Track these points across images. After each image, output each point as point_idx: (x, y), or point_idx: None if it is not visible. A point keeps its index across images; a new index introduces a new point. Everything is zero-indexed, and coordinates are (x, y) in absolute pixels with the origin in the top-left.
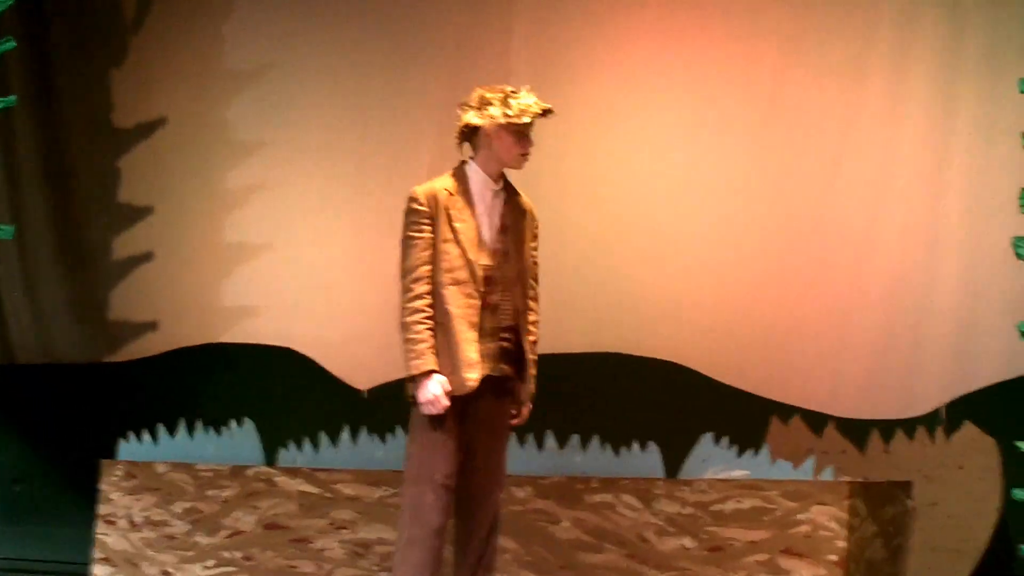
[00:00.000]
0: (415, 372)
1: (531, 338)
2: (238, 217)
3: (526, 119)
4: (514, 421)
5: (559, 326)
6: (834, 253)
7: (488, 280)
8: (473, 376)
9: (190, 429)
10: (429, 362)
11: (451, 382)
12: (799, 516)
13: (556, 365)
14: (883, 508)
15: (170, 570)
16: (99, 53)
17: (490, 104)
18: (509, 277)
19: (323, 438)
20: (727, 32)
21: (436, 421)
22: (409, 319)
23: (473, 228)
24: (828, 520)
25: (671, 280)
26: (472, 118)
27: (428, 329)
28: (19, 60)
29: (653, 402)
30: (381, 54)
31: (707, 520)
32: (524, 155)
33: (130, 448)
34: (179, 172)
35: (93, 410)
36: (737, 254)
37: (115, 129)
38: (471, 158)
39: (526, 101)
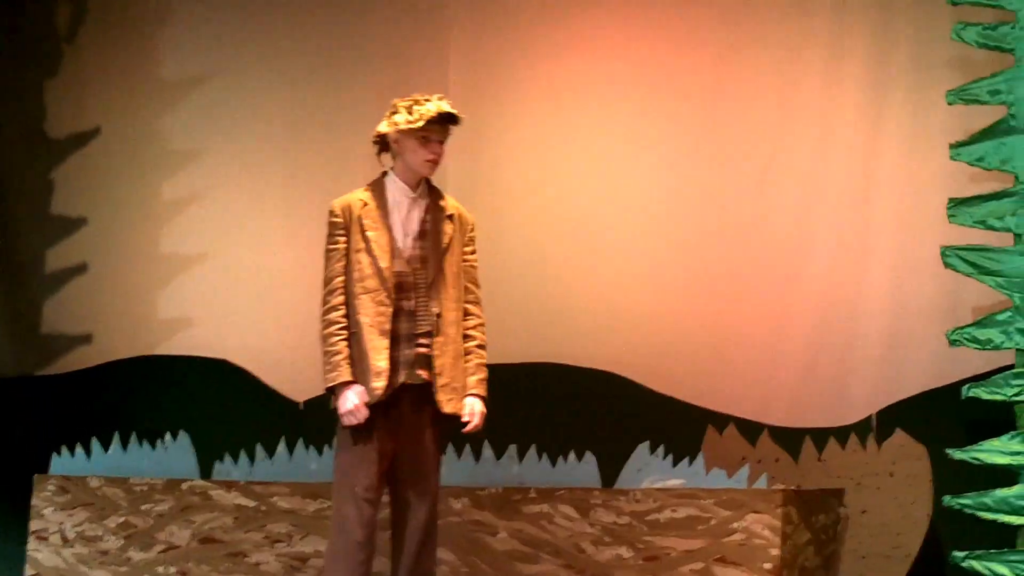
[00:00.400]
0: (331, 384)
1: (474, 342)
2: (173, 228)
3: (420, 123)
4: (467, 428)
5: (495, 337)
6: (766, 264)
7: (401, 287)
8: (379, 384)
9: (124, 443)
10: (344, 373)
11: (368, 392)
12: (734, 524)
13: (493, 375)
14: (816, 515)
15: None
16: (32, 63)
17: (396, 112)
18: (428, 283)
19: (259, 451)
20: (661, 44)
21: (356, 433)
22: (325, 332)
23: (385, 236)
24: (762, 528)
25: (607, 291)
26: (381, 126)
27: (342, 340)
28: None
29: (589, 412)
30: (316, 64)
31: (643, 529)
32: (430, 161)
33: (63, 462)
34: (114, 183)
35: (26, 424)
36: (671, 265)
37: (49, 140)
38: (391, 168)
39: (428, 107)
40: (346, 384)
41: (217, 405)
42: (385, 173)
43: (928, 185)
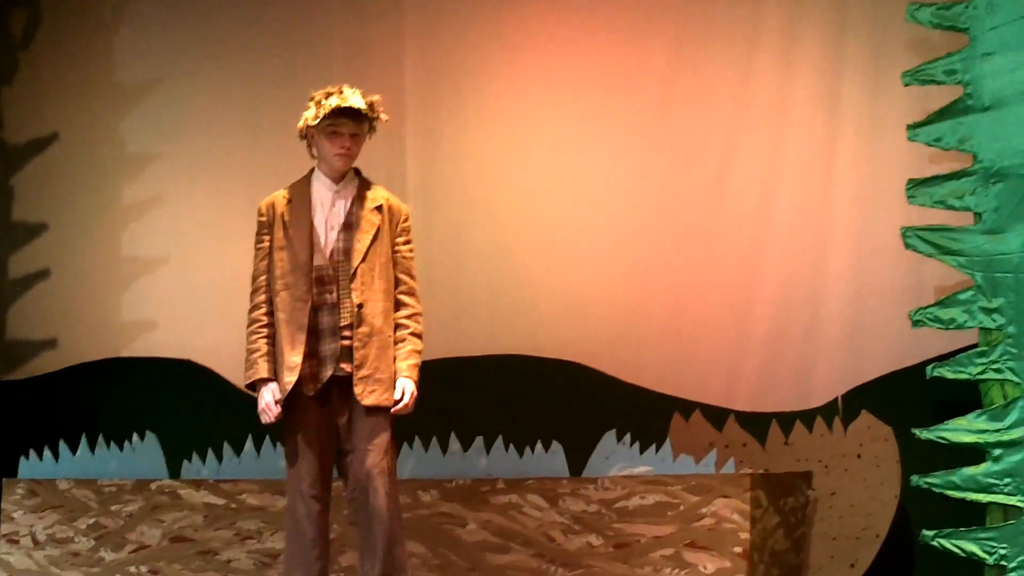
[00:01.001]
0: (248, 382)
1: (406, 331)
2: (134, 231)
3: (318, 120)
4: (395, 409)
5: (459, 330)
6: (726, 249)
7: (321, 280)
8: (290, 380)
9: (92, 445)
10: (260, 370)
11: (280, 388)
12: (702, 510)
13: (457, 368)
14: (785, 499)
15: None
16: None
17: (309, 106)
18: (350, 275)
19: (227, 449)
20: (615, 36)
21: (291, 431)
22: (247, 330)
23: (306, 231)
24: (731, 512)
25: (569, 282)
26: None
27: (262, 338)
28: None
29: (555, 402)
30: (272, 65)
31: (612, 517)
32: (338, 155)
33: (31, 466)
34: (73, 188)
35: None
36: (631, 253)
37: (7, 146)
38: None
39: (331, 100)
40: (262, 381)
41: (183, 405)
42: (313, 168)
43: (887, 167)
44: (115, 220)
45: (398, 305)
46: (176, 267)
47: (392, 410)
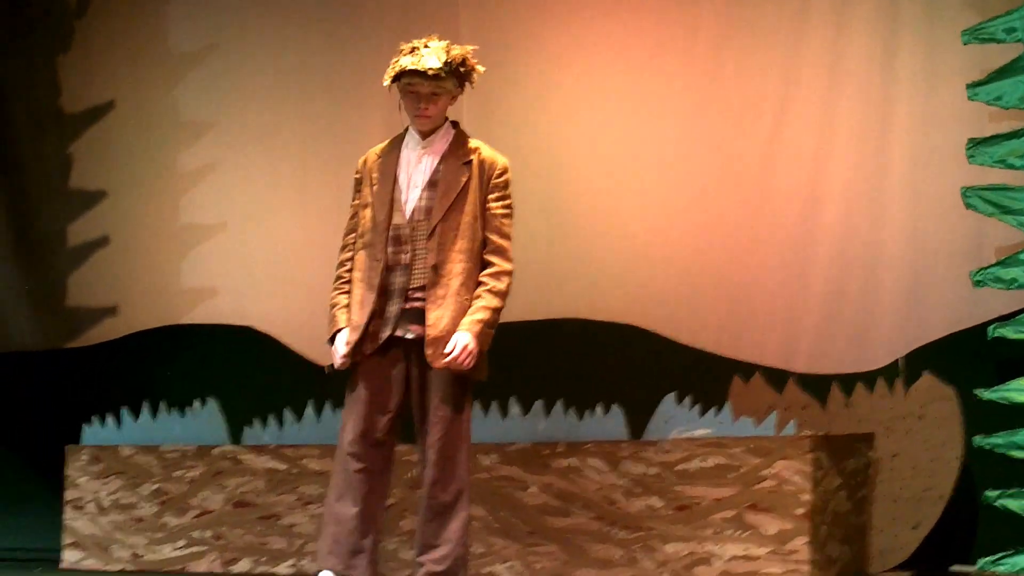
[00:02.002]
0: (330, 336)
1: (483, 287)
2: (191, 198)
3: (387, 80)
4: (445, 361)
5: (516, 294)
6: (782, 209)
7: (398, 240)
8: (353, 338)
9: (154, 411)
10: (338, 322)
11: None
12: (764, 472)
13: (516, 332)
14: (846, 461)
15: (140, 552)
16: (44, 39)
17: (392, 61)
18: (429, 234)
19: (288, 415)
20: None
21: (348, 388)
22: (331, 291)
23: (388, 189)
24: (792, 475)
25: (624, 243)
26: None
27: (342, 293)
28: None
29: (614, 365)
30: (325, 31)
31: (673, 479)
32: (418, 116)
33: (95, 433)
34: (130, 155)
35: (56, 397)
36: (687, 215)
37: (64, 115)
38: None
39: (402, 61)
40: (340, 332)
41: (244, 371)
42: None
43: (944, 125)
44: (172, 187)
45: (484, 265)
46: (233, 234)
47: (444, 362)
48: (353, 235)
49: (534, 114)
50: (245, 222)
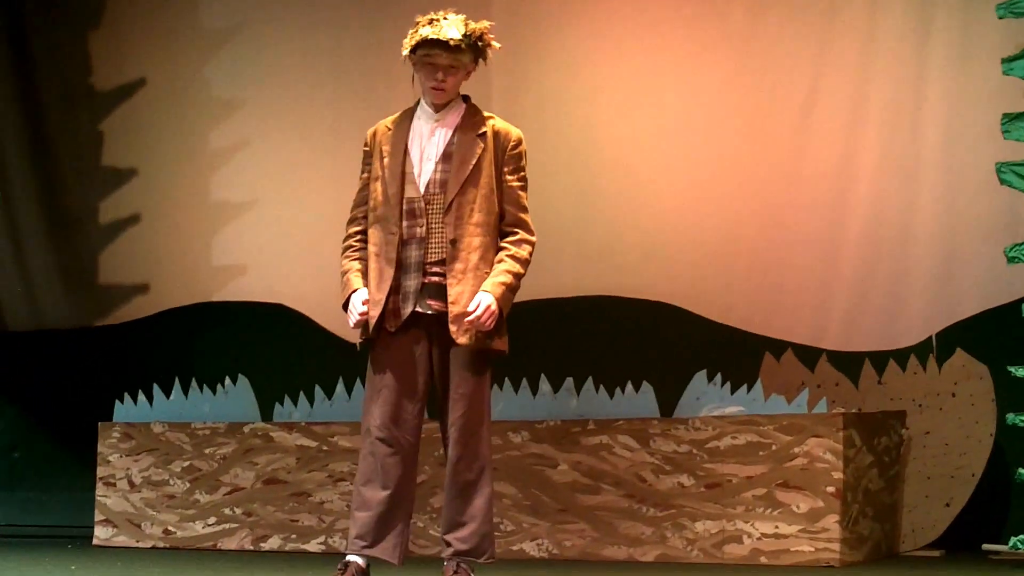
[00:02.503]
0: (343, 302)
1: (505, 252)
2: (222, 175)
3: (406, 50)
4: (467, 319)
5: (546, 272)
6: (814, 186)
7: (412, 213)
8: (374, 314)
9: (185, 389)
10: (352, 283)
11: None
12: (795, 449)
13: (546, 310)
14: (878, 438)
15: (171, 529)
16: (74, 16)
17: (409, 32)
18: (446, 208)
19: (318, 392)
20: None
21: (371, 368)
22: (341, 257)
23: (399, 161)
24: (824, 452)
25: (655, 221)
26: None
27: (354, 260)
28: None
29: (645, 343)
30: (355, 8)
31: (703, 457)
32: (433, 88)
33: (126, 410)
34: (161, 133)
35: (87, 374)
36: (718, 193)
37: (94, 92)
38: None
39: (422, 31)
40: (355, 292)
41: (275, 349)
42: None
43: (978, 101)
44: (203, 165)
45: (504, 236)
46: (264, 211)
47: (465, 320)
48: (363, 208)
49: (564, 90)
50: (276, 199)
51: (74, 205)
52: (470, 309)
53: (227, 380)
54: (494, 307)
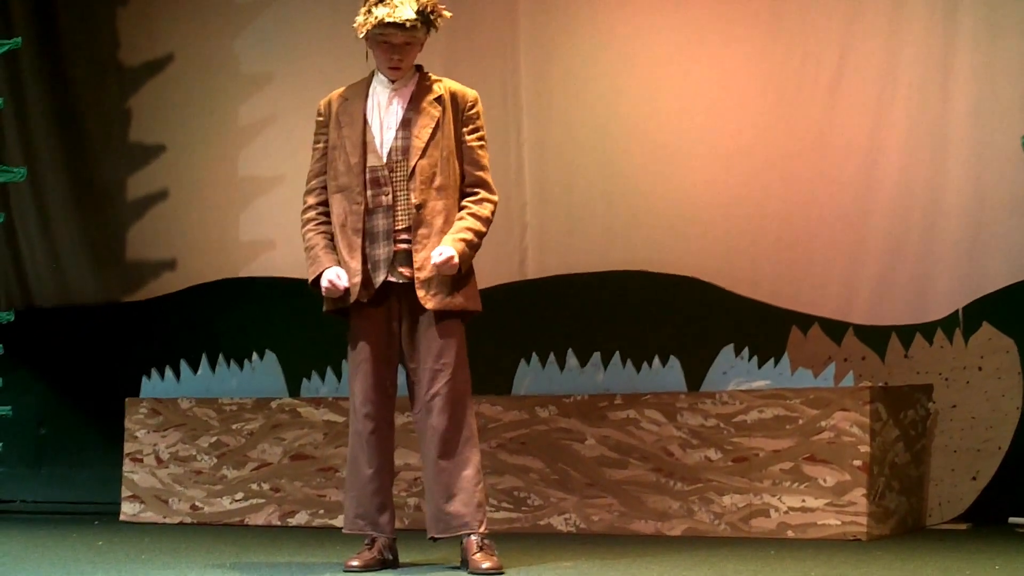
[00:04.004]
0: (313, 277)
1: (465, 211)
2: (250, 151)
3: (362, 33)
4: (436, 261)
5: (573, 247)
6: (841, 161)
7: (376, 182)
8: (355, 281)
9: (212, 364)
10: (324, 261)
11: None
12: (822, 423)
13: (573, 285)
14: (905, 412)
15: (199, 504)
16: None
17: (360, 10)
18: (409, 174)
19: (344, 368)
20: None
21: (351, 342)
22: (302, 231)
23: (359, 131)
24: (850, 426)
25: (682, 195)
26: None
27: (319, 234)
28: (22, 2)
29: (672, 317)
30: None
31: (731, 431)
32: (391, 68)
33: (153, 386)
34: (189, 108)
35: (114, 350)
36: (745, 167)
37: (123, 68)
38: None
39: (377, 12)
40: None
41: (302, 324)
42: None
43: (1005, 76)
44: (231, 140)
45: (465, 196)
46: (292, 187)
47: (430, 264)
48: (321, 178)
49: (592, 64)
50: (303, 174)
51: (102, 181)
52: (434, 261)
53: (254, 355)
54: (455, 260)
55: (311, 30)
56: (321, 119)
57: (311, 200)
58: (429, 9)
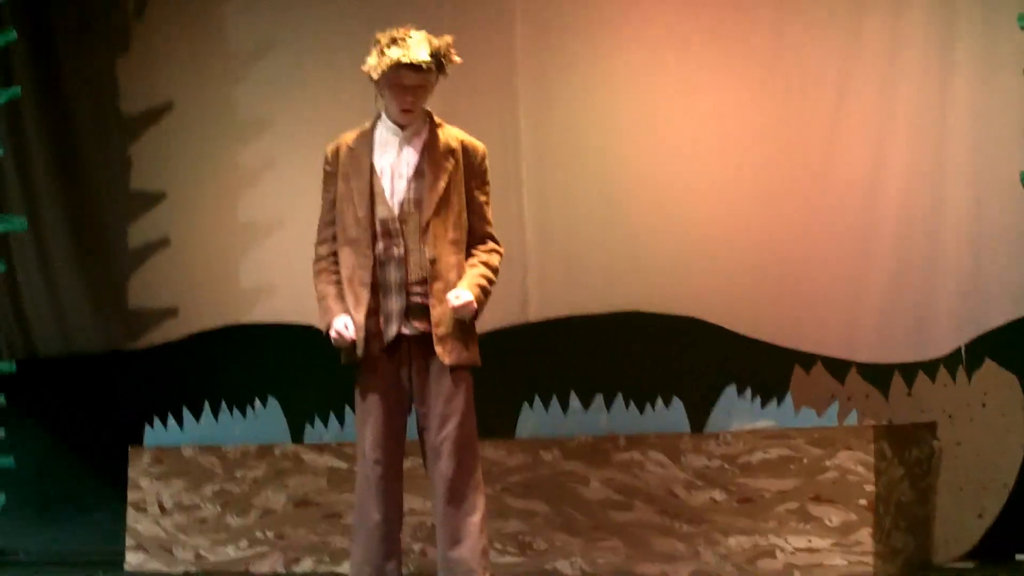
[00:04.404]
0: (324, 327)
1: (475, 258)
2: (250, 197)
3: (375, 74)
4: (453, 304)
5: (575, 288)
6: (841, 198)
7: (387, 233)
8: (361, 336)
9: (215, 411)
10: (334, 310)
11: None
12: (826, 463)
13: (576, 326)
14: (909, 450)
15: (203, 553)
16: (102, 40)
17: (372, 52)
18: (422, 227)
19: (348, 413)
20: None
21: (359, 390)
22: (314, 282)
23: (366, 181)
24: (855, 465)
25: (682, 235)
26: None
27: (330, 284)
28: (22, 51)
29: (674, 358)
30: (381, 24)
31: (735, 472)
32: (404, 111)
33: (156, 434)
34: (189, 155)
35: (117, 398)
36: (745, 206)
37: (123, 116)
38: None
39: (391, 53)
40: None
41: (304, 370)
42: (380, 113)
43: (1003, 109)
44: (231, 187)
45: (471, 250)
46: (293, 231)
47: (450, 304)
48: (330, 229)
49: (590, 102)
50: (304, 219)
51: (103, 229)
52: (451, 301)
53: (257, 402)
54: (474, 304)
55: (309, 76)
56: (329, 169)
57: (322, 251)
58: (443, 52)
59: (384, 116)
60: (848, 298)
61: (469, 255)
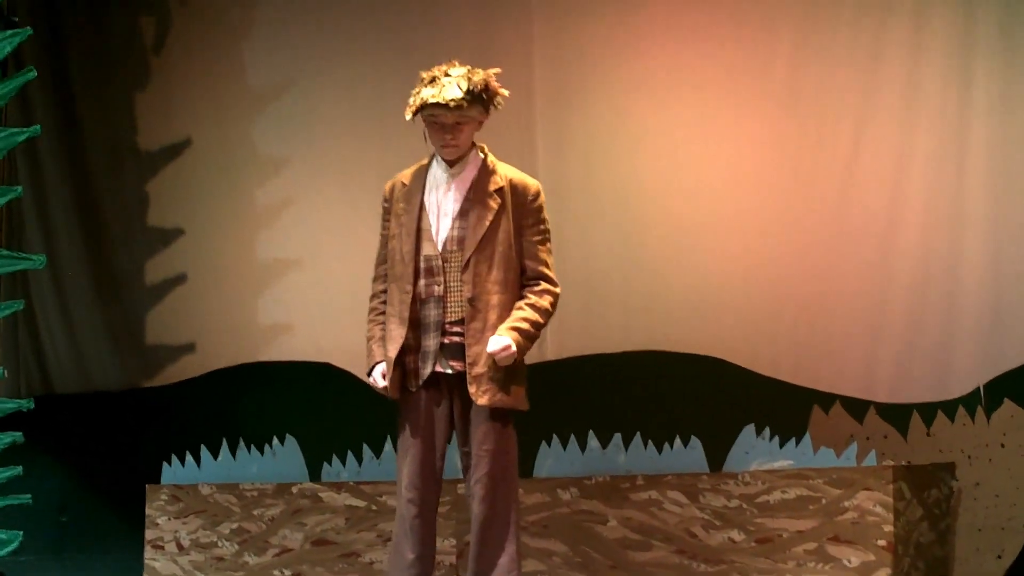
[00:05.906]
0: (368, 371)
1: (523, 300)
2: (268, 234)
3: (408, 114)
4: (492, 349)
5: (592, 327)
6: (859, 238)
7: (430, 271)
8: (391, 377)
9: (232, 449)
10: (376, 355)
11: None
12: (845, 503)
13: (593, 365)
14: (928, 490)
15: None
16: (121, 77)
17: (412, 92)
18: (464, 266)
19: (366, 451)
20: (740, 25)
21: (399, 427)
22: (367, 323)
23: (414, 218)
24: (874, 505)
25: (700, 275)
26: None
27: (377, 325)
28: (41, 89)
29: (692, 397)
30: (399, 65)
31: (754, 512)
32: (444, 147)
33: (174, 472)
34: (207, 192)
35: (135, 436)
36: (763, 245)
37: (141, 153)
38: None
39: (424, 93)
40: (377, 364)
41: (322, 408)
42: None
43: (1020, 148)
44: (249, 224)
45: (523, 291)
46: (310, 269)
47: (488, 351)
48: (384, 266)
49: (609, 143)
50: (321, 257)
51: (121, 266)
52: (488, 348)
53: (275, 440)
54: (513, 349)
55: (329, 113)
56: (387, 205)
57: (376, 288)
58: (480, 88)
59: (436, 154)
60: (867, 338)
61: (522, 296)
